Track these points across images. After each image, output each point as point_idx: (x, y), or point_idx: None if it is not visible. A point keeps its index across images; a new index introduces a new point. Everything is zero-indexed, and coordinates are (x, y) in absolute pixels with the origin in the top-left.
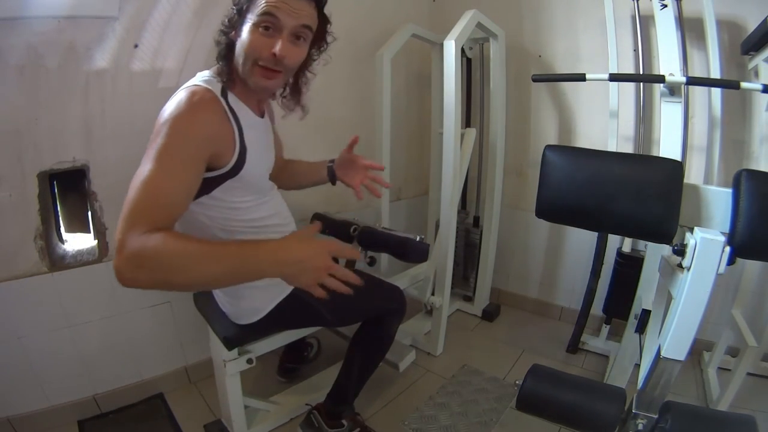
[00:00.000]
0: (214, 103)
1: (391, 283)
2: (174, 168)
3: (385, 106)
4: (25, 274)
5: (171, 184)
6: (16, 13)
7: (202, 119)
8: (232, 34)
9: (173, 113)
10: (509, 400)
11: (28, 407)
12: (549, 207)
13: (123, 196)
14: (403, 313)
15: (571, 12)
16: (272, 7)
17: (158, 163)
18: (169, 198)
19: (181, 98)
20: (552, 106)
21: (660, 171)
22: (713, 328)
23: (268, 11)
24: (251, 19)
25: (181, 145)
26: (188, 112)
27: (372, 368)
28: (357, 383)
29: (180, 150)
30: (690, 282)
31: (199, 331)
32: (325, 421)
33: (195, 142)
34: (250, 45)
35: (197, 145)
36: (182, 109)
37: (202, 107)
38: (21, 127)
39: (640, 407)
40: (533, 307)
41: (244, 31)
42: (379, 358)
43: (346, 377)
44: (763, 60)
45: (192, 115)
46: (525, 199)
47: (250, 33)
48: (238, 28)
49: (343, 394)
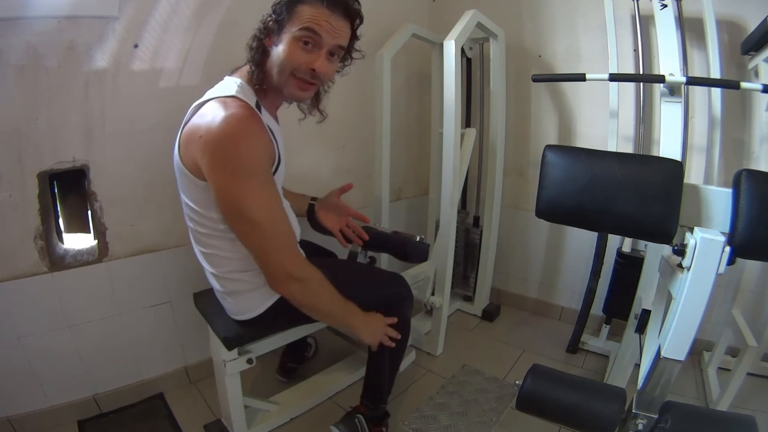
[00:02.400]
0: (256, 116)
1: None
2: (271, 195)
3: (385, 106)
4: (25, 274)
5: (280, 209)
6: (16, 13)
7: (262, 141)
8: (266, 41)
9: (234, 146)
10: (509, 400)
11: (28, 407)
12: (549, 207)
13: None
14: (411, 299)
15: (571, 12)
16: (316, 25)
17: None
18: (286, 220)
19: (233, 125)
20: (552, 106)
21: (660, 171)
22: (713, 328)
23: (312, 28)
24: (292, 32)
25: (262, 172)
26: (252, 135)
27: (399, 359)
28: (389, 378)
29: (263, 176)
30: (690, 282)
31: (199, 331)
32: (369, 428)
33: (266, 163)
34: (290, 57)
35: (267, 165)
36: (246, 136)
37: (255, 126)
38: (21, 127)
39: (640, 407)
40: (533, 307)
41: (284, 42)
42: (403, 344)
43: (376, 375)
44: (763, 60)
45: (255, 140)
46: (525, 199)
47: (290, 45)
48: (275, 36)
49: (379, 392)
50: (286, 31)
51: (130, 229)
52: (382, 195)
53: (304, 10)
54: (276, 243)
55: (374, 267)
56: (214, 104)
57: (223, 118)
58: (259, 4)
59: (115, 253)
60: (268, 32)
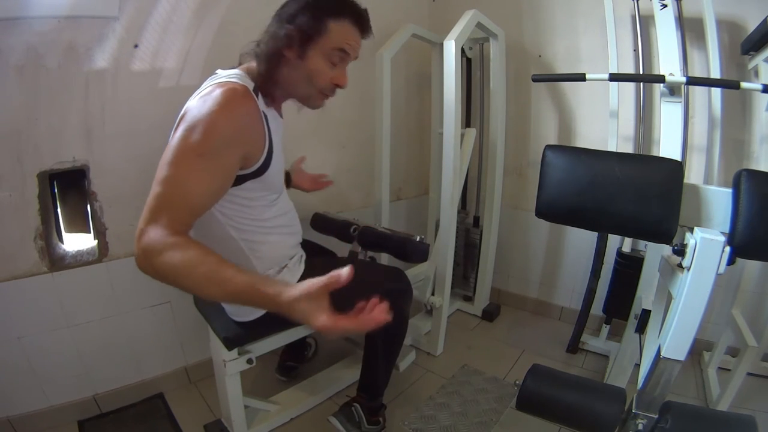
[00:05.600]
0: (252, 103)
1: (389, 265)
2: (207, 170)
3: (385, 105)
4: (25, 274)
5: (201, 187)
6: (16, 13)
7: (241, 121)
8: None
9: (212, 110)
10: (509, 400)
11: (28, 407)
12: (549, 207)
13: (123, 196)
14: (410, 293)
15: (571, 12)
16: (349, 47)
17: (192, 161)
18: (197, 200)
19: (218, 95)
20: (552, 106)
21: (660, 171)
22: (713, 328)
23: (345, 50)
24: (324, 50)
25: (218, 148)
26: (229, 112)
27: (395, 354)
28: (385, 372)
29: (216, 153)
30: (690, 282)
31: (199, 331)
32: (366, 416)
33: (232, 146)
34: (321, 74)
35: (234, 150)
36: (222, 108)
37: (242, 107)
38: (21, 127)
39: (640, 407)
40: (533, 307)
41: (312, 57)
42: (399, 340)
43: (371, 369)
44: (763, 60)
45: (231, 118)
46: (525, 199)
47: (319, 62)
48: (298, 47)
49: (375, 385)
50: (315, 47)
51: (130, 229)
52: (382, 195)
53: (337, 30)
54: (158, 200)
55: (373, 263)
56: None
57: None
58: (258, 4)
59: (115, 253)
60: (291, 42)
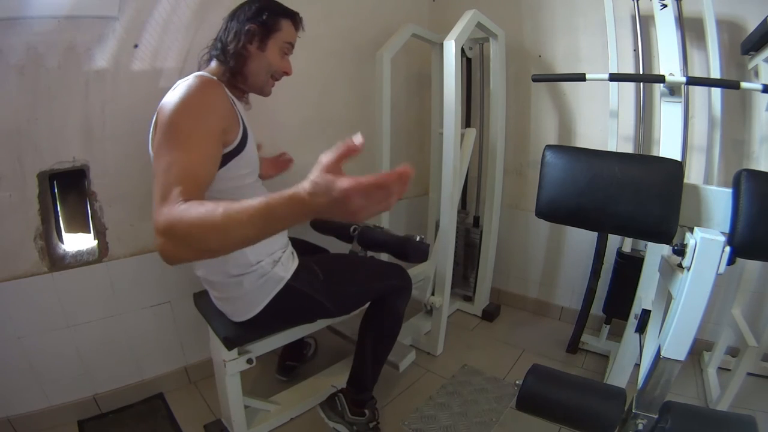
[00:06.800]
0: (220, 88)
1: (391, 262)
2: (195, 143)
3: (385, 106)
4: (25, 274)
5: (194, 157)
6: (16, 13)
7: (214, 96)
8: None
9: (185, 96)
10: (509, 400)
11: (28, 407)
12: (549, 207)
13: (123, 196)
14: (408, 290)
15: (571, 12)
16: (294, 41)
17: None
18: (198, 168)
19: (189, 83)
20: (552, 106)
21: (660, 171)
22: (713, 328)
23: (292, 43)
24: (277, 43)
25: (198, 121)
26: (200, 91)
27: (385, 352)
28: (373, 369)
29: (198, 126)
30: (690, 282)
31: (199, 331)
32: (349, 406)
33: (211, 116)
34: (276, 63)
35: (214, 119)
36: (193, 90)
37: (211, 87)
38: (21, 127)
39: (640, 407)
40: (533, 307)
41: (271, 49)
42: (390, 340)
43: (360, 364)
44: (763, 60)
45: (204, 93)
46: (525, 199)
47: (276, 53)
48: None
49: (362, 381)
50: (273, 40)
51: (130, 229)
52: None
53: (287, 26)
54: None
55: (371, 258)
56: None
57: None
58: None
59: (115, 253)
60: (253, 37)
